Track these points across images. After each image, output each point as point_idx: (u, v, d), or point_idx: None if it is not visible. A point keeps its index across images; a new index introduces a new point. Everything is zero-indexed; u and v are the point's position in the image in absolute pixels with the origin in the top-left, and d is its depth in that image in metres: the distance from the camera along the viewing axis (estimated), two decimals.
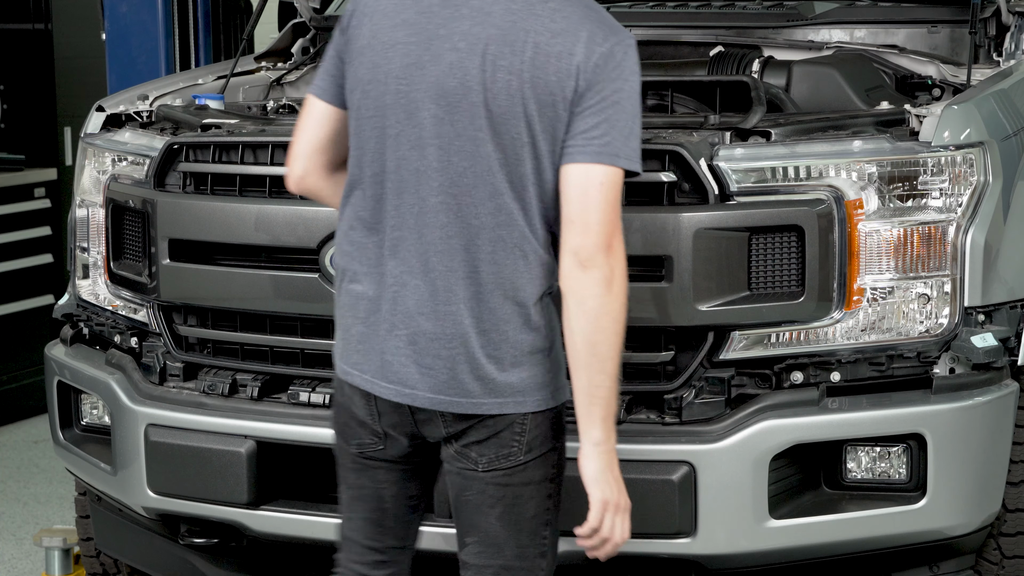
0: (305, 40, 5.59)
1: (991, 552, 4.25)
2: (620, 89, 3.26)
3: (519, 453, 3.33)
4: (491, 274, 3.27)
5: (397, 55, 3.29)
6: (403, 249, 3.30)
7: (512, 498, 3.35)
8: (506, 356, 3.29)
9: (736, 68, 4.80)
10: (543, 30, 3.24)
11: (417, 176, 3.28)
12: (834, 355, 4.01)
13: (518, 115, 3.23)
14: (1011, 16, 4.86)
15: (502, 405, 3.30)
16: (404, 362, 3.31)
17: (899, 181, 4.01)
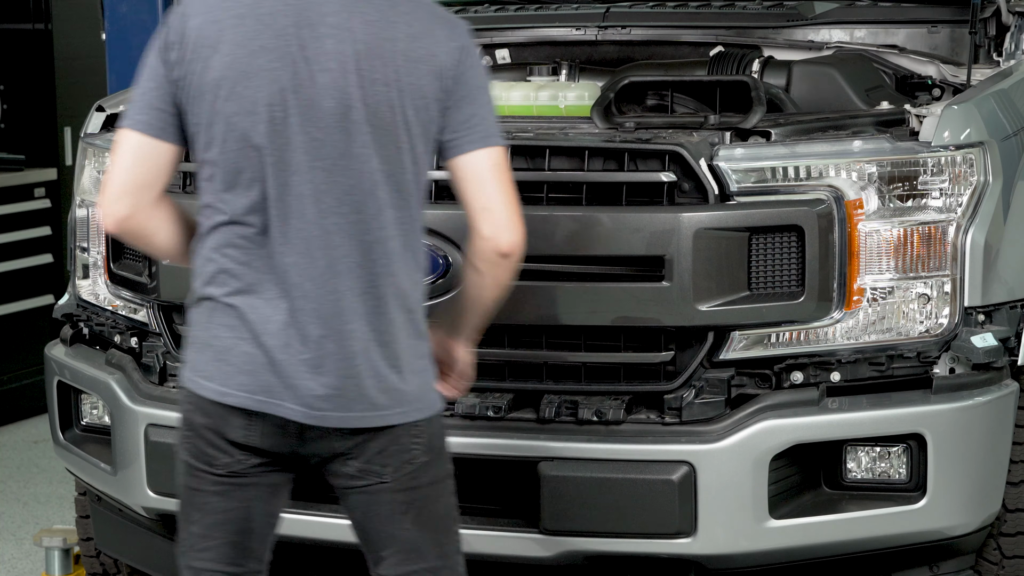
0: None
1: (991, 552, 4.25)
2: (479, 75, 3.36)
3: (421, 455, 3.34)
4: (388, 286, 3.28)
5: (263, 83, 3.23)
6: (295, 274, 3.25)
7: (422, 500, 3.35)
8: (405, 365, 3.30)
9: (736, 68, 4.80)
10: (404, 36, 3.27)
11: (302, 201, 3.24)
12: (834, 355, 4.01)
13: (398, 124, 3.26)
14: (1011, 16, 4.86)
15: (406, 414, 3.30)
16: (310, 385, 3.25)
17: (899, 181, 4.01)
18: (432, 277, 4.00)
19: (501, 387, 4.07)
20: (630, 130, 4.12)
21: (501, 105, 4.67)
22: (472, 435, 4.01)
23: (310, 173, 3.23)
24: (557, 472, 3.95)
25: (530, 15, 5.49)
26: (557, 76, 5.11)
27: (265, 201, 3.25)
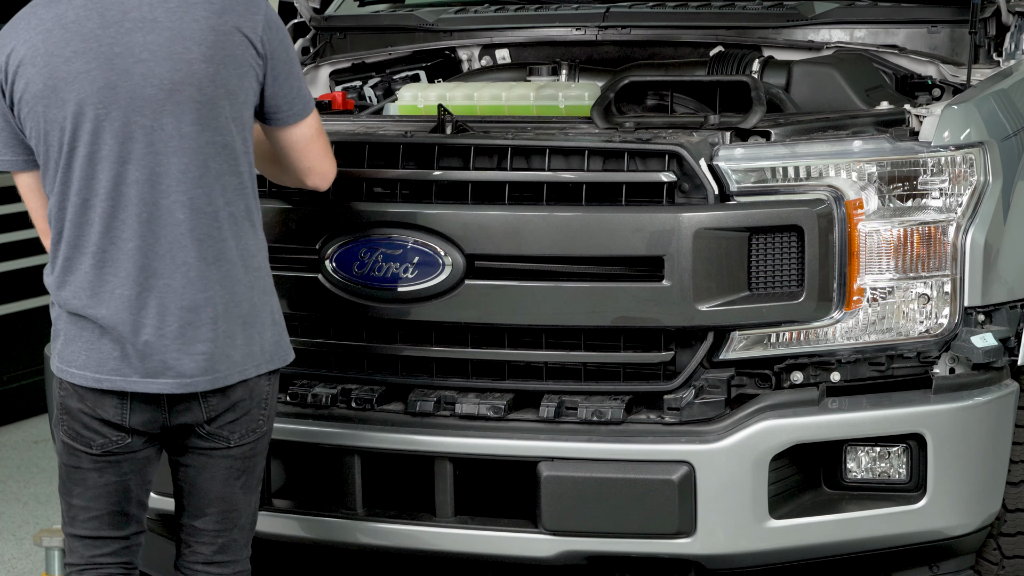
0: (305, 40, 5.59)
1: (991, 552, 4.25)
2: (289, 46, 3.59)
3: (264, 425, 3.64)
4: (234, 250, 3.50)
5: (84, 84, 3.43)
6: (144, 256, 3.45)
7: (252, 467, 3.66)
8: (258, 321, 3.55)
9: (736, 68, 4.80)
10: (207, 14, 3.45)
11: (140, 187, 3.44)
12: (834, 355, 4.01)
13: (221, 96, 3.45)
14: (1011, 16, 4.86)
15: (259, 367, 3.56)
16: (176, 356, 3.47)
17: (899, 181, 4.01)
18: (432, 277, 4.00)
19: (501, 387, 4.07)
20: (630, 130, 4.12)
21: (501, 105, 4.67)
22: (472, 435, 4.01)
23: (145, 159, 3.43)
24: (557, 472, 3.95)
25: (530, 15, 5.49)
26: (557, 76, 5.11)
27: (106, 194, 3.45)
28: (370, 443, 4.06)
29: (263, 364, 3.57)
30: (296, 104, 3.60)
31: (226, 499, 3.63)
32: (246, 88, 3.49)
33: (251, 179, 3.56)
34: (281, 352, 3.63)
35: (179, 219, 3.45)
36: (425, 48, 5.47)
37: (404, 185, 4.09)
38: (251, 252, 3.55)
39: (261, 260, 3.59)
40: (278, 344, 3.62)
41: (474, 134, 4.12)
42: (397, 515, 4.11)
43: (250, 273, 3.54)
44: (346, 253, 4.05)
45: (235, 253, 3.51)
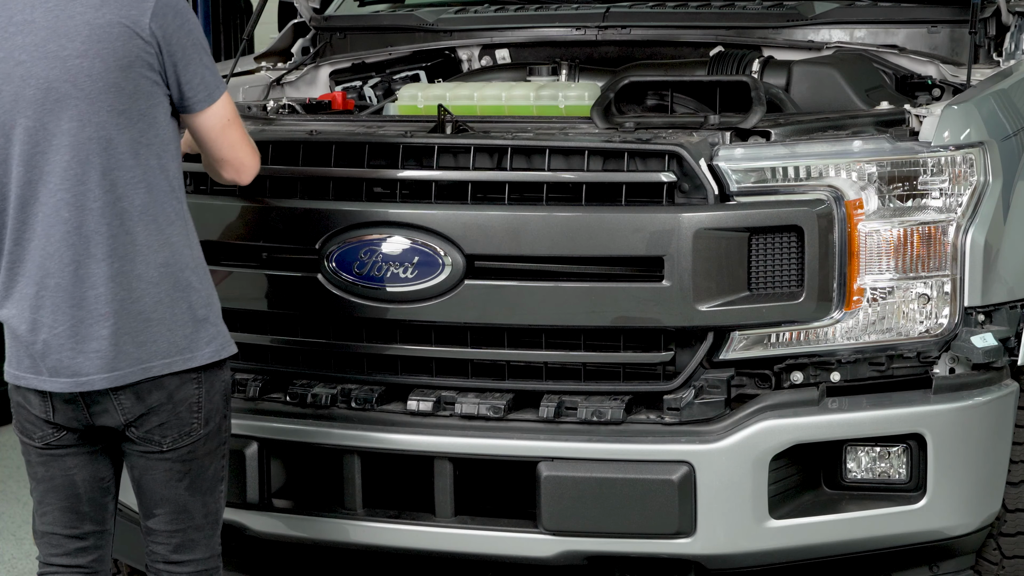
0: (305, 40, 5.59)
1: (991, 552, 4.25)
2: (189, 31, 3.53)
3: (199, 428, 3.58)
4: (133, 244, 3.46)
5: None
6: (39, 255, 3.47)
7: (197, 470, 3.62)
8: (162, 319, 3.49)
9: (736, 68, 4.80)
10: (86, 10, 3.44)
11: (32, 187, 3.46)
12: (834, 355, 4.01)
13: (102, 90, 3.42)
14: (1011, 16, 4.86)
15: (170, 364, 3.50)
16: (71, 355, 3.48)
17: (899, 181, 4.01)
18: (432, 278, 4.00)
19: (501, 387, 4.07)
20: (630, 130, 4.12)
21: (501, 105, 4.67)
22: (472, 435, 4.01)
23: (33, 159, 3.44)
24: (557, 472, 3.95)
25: (530, 15, 5.49)
26: (557, 76, 5.11)
27: (13, 196, 3.48)
28: (370, 443, 4.06)
29: (176, 362, 3.51)
30: (200, 91, 3.55)
31: (172, 500, 3.62)
32: (134, 79, 3.44)
33: (161, 172, 3.50)
34: (203, 350, 3.55)
35: (65, 217, 3.44)
36: (425, 48, 5.47)
37: (404, 185, 4.09)
38: (158, 246, 3.49)
39: (177, 254, 3.52)
40: (195, 341, 3.53)
41: (474, 134, 4.12)
42: (397, 515, 4.11)
43: (157, 268, 3.48)
44: (346, 253, 4.05)
45: (134, 248, 3.46)
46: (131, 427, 3.54)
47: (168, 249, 3.50)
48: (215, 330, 3.57)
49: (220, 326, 3.60)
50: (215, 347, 3.56)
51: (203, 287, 3.56)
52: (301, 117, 4.68)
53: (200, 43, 3.55)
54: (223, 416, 3.65)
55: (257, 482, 4.16)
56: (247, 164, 3.68)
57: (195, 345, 3.53)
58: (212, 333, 3.56)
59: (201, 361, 3.53)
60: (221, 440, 3.66)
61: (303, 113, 4.79)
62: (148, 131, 3.49)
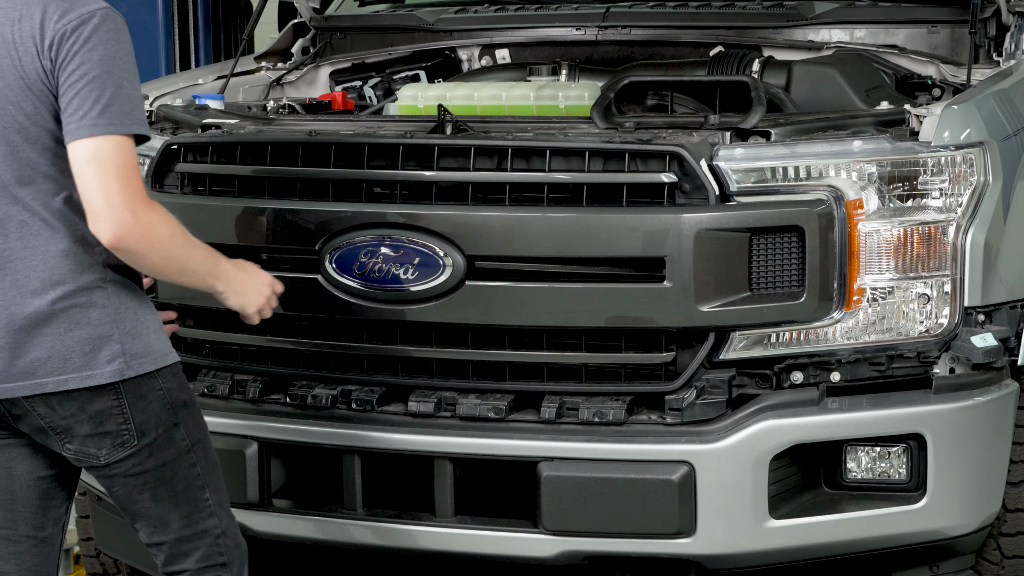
0: (305, 40, 5.59)
1: (991, 552, 4.25)
2: (89, 56, 3.28)
3: (132, 439, 3.44)
4: (23, 259, 3.36)
5: None
6: None
7: (154, 481, 3.49)
8: (55, 333, 3.36)
9: (736, 68, 4.80)
10: (4, 20, 3.34)
11: None
12: (834, 355, 4.01)
13: (8, 111, 3.32)
14: (1011, 16, 4.87)
15: (65, 382, 3.37)
16: None
17: (899, 181, 4.01)
18: (432, 278, 4.00)
19: (502, 388, 4.07)
20: (630, 130, 4.12)
21: (501, 105, 4.67)
22: (473, 436, 4.01)
23: None
24: (557, 472, 3.95)
25: (530, 15, 5.50)
26: (557, 76, 5.11)
27: None
28: (370, 443, 4.07)
29: (71, 380, 3.37)
30: (72, 120, 3.29)
31: (143, 514, 3.52)
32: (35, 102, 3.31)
33: (44, 179, 3.35)
34: (103, 368, 3.38)
35: None
36: (425, 48, 5.48)
37: (404, 186, 4.09)
38: (51, 263, 3.36)
39: (66, 271, 3.37)
40: (94, 359, 3.38)
41: (474, 134, 4.12)
42: (397, 515, 4.12)
43: (49, 286, 3.36)
44: (346, 254, 4.05)
45: (25, 263, 3.35)
46: (67, 443, 3.44)
47: (66, 259, 3.37)
48: (120, 348, 3.39)
49: (130, 343, 3.41)
50: (118, 366, 3.39)
51: (110, 303, 3.40)
52: (301, 117, 4.68)
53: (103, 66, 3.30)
54: (171, 424, 3.48)
55: (257, 482, 4.16)
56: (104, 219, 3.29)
57: (94, 363, 3.37)
58: (116, 351, 3.38)
59: (101, 380, 3.38)
60: (180, 449, 3.50)
61: (303, 113, 4.80)
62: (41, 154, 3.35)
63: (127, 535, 4.60)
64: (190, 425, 3.54)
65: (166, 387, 3.48)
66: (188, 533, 3.54)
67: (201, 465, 3.56)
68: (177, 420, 3.50)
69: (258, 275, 3.65)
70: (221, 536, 3.58)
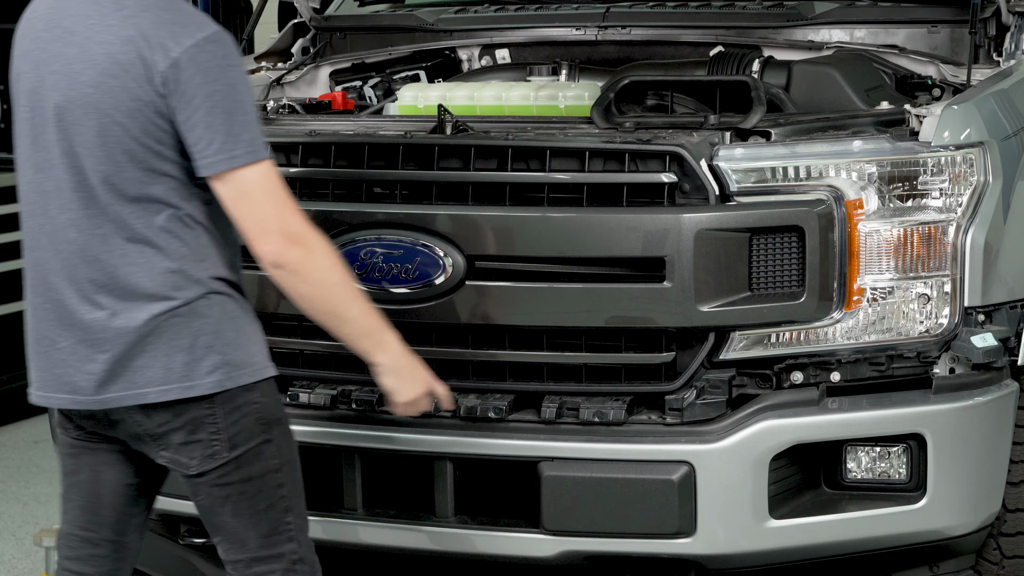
0: (305, 40, 5.59)
1: (991, 552, 4.25)
2: (215, 92, 3.28)
3: (223, 451, 3.41)
4: (125, 274, 3.35)
5: (23, 84, 3.43)
6: (42, 267, 3.45)
7: (238, 495, 3.44)
8: (152, 348, 3.36)
9: (736, 68, 4.80)
10: (115, 39, 3.30)
11: (42, 199, 3.40)
12: (834, 355, 4.01)
13: (107, 127, 3.30)
14: (1011, 16, 4.86)
15: (166, 392, 3.37)
16: (70, 373, 3.43)
17: (899, 181, 4.01)
18: (432, 278, 4.00)
19: (502, 388, 4.06)
20: (630, 130, 4.12)
21: (501, 105, 4.67)
22: (473, 436, 4.01)
23: (49, 171, 3.38)
24: (557, 472, 3.95)
25: (530, 15, 5.49)
26: (557, 76, 5.11)
27: (24, 196, 3.45)
28: (370, 443, 4.07)
29: (172, 391, 3.36)
30: (204, 156, 3.30)
31: (222, 528, 3.48)
32: (139, 123, 3.29)
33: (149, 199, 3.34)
34: (204, 379, 3.37)
35: (70, 237, 3.37)
36: (425, 48, 5.47)
37: (404, 186, 4.09)
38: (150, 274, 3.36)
39: (160, 285, 3.36)
40: (195, 369, 3.36)
41: (474, 135, 4.12)
42: (397, 515, 4.12)
43: (147, 300, 3.35)
44: (346, 254, 4.04)
45: (128, 278, 3.35)
46: (161, 449, 3.43)
47: (169, 279, 3.37)
48: (220, 359, 3.38)
49: (231, 353, 3.39)
50: (219, 376, 3.37)
51: (212, 313, 3.39)
52: (301, 117, 4.68)
53: (220, 106, 3.28)
54: (262, 441, 3.44)
55: None
56: (267, 248, 3.33)
57: (195, 374, 3.37)
58: (216, 362, 3.37)
59: (201, 391, 3.37)
60: (268, 467, 3.45)
61: (303, 113, 4.79)
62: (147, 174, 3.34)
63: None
64: (281, 444, 3.50)
65: (262, 401, 3.45)
66: (264, 554, 3.48)
67: (287, 487, 3.50)
68: (269, 437, 3.46)
69: (422, 370, 3.61)
70: (298, 563, 3.53)
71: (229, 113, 3.28)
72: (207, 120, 3.27)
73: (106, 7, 3.32)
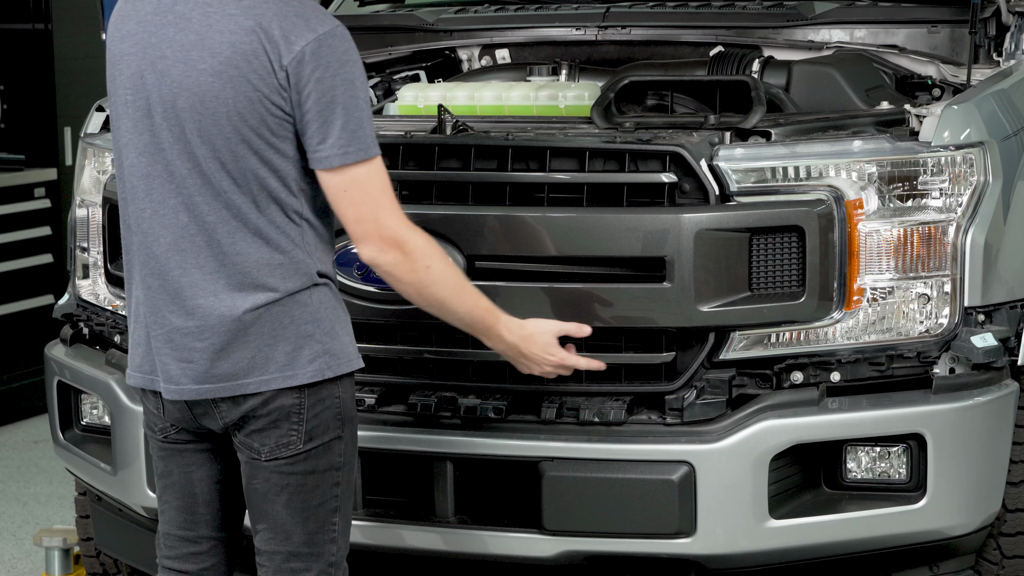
0: None
1: (991, 552, 4.25)
2: (335, 86, 3.30)
3: (299, 442, 3.43)
4: (229, 264, 3.37)
5: (125, 67, 3.41)
6: (143, 252, 3.43)
7: (296, 486, 3.45)
8: (252, 339, 3.38)
9: (736, 68, 4.80)
10: (237, 28, 3.30)
11: (147, 182, 3.39)
12: (834, 355, 4.01)
13: (223, 117, 3.31)
14: (1011, 16, 4.86)
15: (268, 382, 3.39)
16: (166, 360, 3.44)
17: (899, 181, 4.01)
18: None
19: (502, 388, 4.06)
20: (630, 130, 4.12)
21: (501, 105, 4.67)
22: (473, 436, 4.01)
23: (153, 155, 3.38)
24: (557, 472, 3.95)
25: (530, 15, 5.49)
26: (557, 76, 5.11)
27: (123, 181, 3.44)
28: (371, 443, 4.06)
29: (274, 380, 3.38)
30: (318, 149, 3.33)
31: (271, 516, 3.46)
32: (259, 113, 3.31)
33: (272, 199, 3.36)
34: (305, 368, 3.40)
35: (183, 222, 3.38)
36: (425, 48, 5.47)
37: (404, 185, 4.09)
38: (252, 266, 3.37)
39: (266, 275, 3.38)
40: (296, 359, 3.39)
41: (474, 135, 4.12)
42: (397, 515, 4.11)
43: (250, 290, 3.37)
44: (346, 254, 4.05)
45: (235, 266, 3.37)
46: (235, 431, 3.45)
47: (276, 267, 3.39)
48: (321, 347, 3.41)
49: (330, 343, 3.43)
50: (319, 365, 3.41)
51: (312, 301, 3.41)
52: None
53: (339, 101, 3.30)
54: (335, 437, 3.46)
55: None
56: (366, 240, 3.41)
57: (296, 363, 3.39)
58: (317, 351, 3.40)
59: (302, 380, 3.39)
60: (333, 464, 3.48)
61: None
62: (263, 165, 3.35)
63: (127, 535, 4.61)
64: (349, 444, 3.52)
65: (343, 396, 3.48)
66: (305, 551, 3.48)
67: (342, 487, 3.52)
68: (342, 434, 3.49)
69: (540, 353, 3.76)
70: (334, 566, 3.53)
71: (346, 108, 3.31)
72: (324, 115, 3.30)
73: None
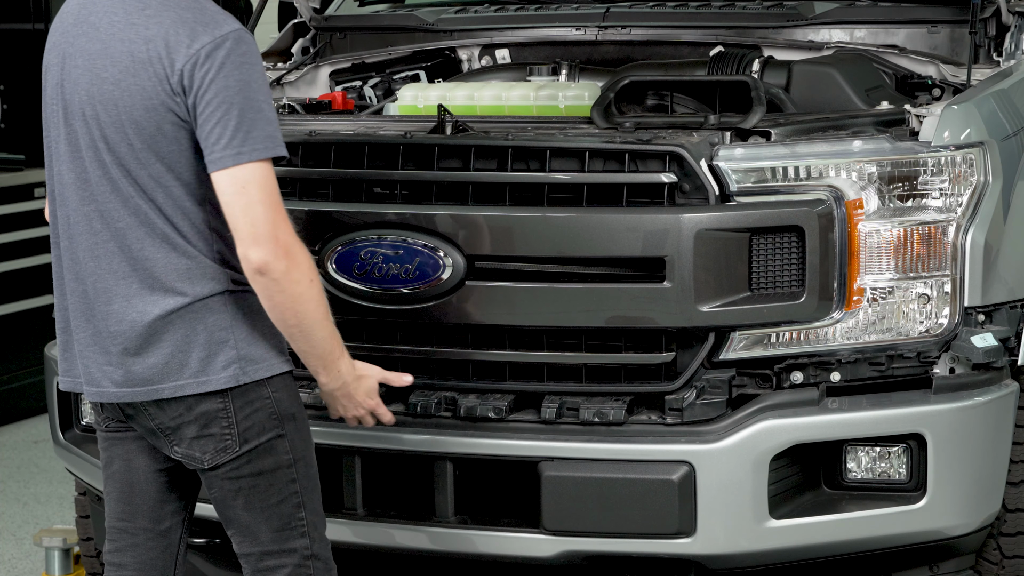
0: (305, 40, 5.59)
1: (991, 552, 4.25)
2: (228, 87, 3.28)
3: (235, 445, 3.44)
4: (144, 269, 3.38)
5: (50, 77, 3.48)
6: (68, 257, 3.47)
7: (249, 488, 3.47)
8: (155, 344, 3.39)
9: (736, 68, 4.80)
10: (136, 38, 3.33)
11: (71, 189, 3.43)
12: (834, 355, 4.01)
13: (125, 123, 3.33)
14: (1011, 16, 4.86)
15: (182, 387, 3.40)
16: (88, 363, 3.47)
17: (899, 181, 4.01)
18: (432, 278, 3.99)
19: (502, 388, 4.07)
20: (630, 130, 4.12)
21: (501, 105, 4.67)
22: (473, 436, 4.01)
23: (69, 163, 3.43)
24: (557, 472, 3.95)
25: (530, 15, 5.49)
26: (557, 76, 5.11)
27: (52, 191, 3.48)
28: (370, 443, 4.06)
29: (188, 386, 3.39)
30: (215, 149, 3.30)
31: (235, 521, 3.50)
32: (155, 121, 3.32)
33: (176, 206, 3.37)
34: (219, 374, 3.40)
35: (95, 228, 3.40)
36: (425, 48, 5.47)
37: (404, 186, 4.09)
38: (165, 268, 3.38)
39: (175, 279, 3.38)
40: (210, 364, 3.39)
41: (474, 135, 4.12)
42: (397, 515, 4.11)
43: (160, 293, 3.38)
44: (346, 254, 4.05)
45: (144, 271, 3.39)
46: (175, 443, 3.46)
47: (185, 274, 3.40)
48: (236, 353, 3.40)
49: (246, 349, 3.42)
50: (234, 371, 3.40)
51: (227, 308, 3.41)
52: (301, 117, 4.68)
53: (234, 102, 3.28)
54: (275, 436, 3.47)
55: None
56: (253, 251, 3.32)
57: (210, 369, 3.39)
58: (231, 357, 3.40)
59: (216, 386, 3.40)
60: (280, 462, 3.48)
61: (303, 113, 4.79)
62: (166, 172, 3.36)
63: None
64: (295, 439, 3.52)
65: (275, 396, 3.47)
66: (275, 549, 3.51)
67: (301, 483, 3.53)
68: (282, 432, 3.49)
69: (364, 395, 3.65)
70: (311, 559, 3.54)
71: (241, 110, 3.29)
72: (219, 116, 3.28)
73: (131, 5, 3.35)
